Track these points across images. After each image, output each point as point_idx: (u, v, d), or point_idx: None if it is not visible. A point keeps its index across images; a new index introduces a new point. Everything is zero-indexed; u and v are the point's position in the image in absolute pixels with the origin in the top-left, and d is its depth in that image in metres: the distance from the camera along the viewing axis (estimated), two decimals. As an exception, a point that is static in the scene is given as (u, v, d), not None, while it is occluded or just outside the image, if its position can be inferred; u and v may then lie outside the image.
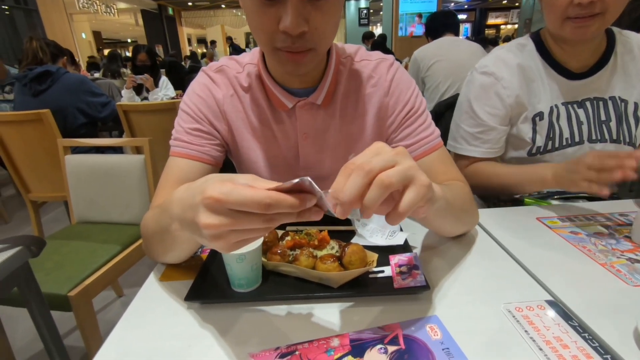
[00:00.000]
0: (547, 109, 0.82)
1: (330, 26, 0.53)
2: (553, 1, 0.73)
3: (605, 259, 0.57)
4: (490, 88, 0.83)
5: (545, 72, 0.83)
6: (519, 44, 0.86)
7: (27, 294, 0.75)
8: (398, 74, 0.68)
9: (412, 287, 0.50)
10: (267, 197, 0.31)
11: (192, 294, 0.51)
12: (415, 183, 0.36)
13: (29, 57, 1.88)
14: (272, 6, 0.49)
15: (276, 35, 0.51)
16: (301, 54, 0.53)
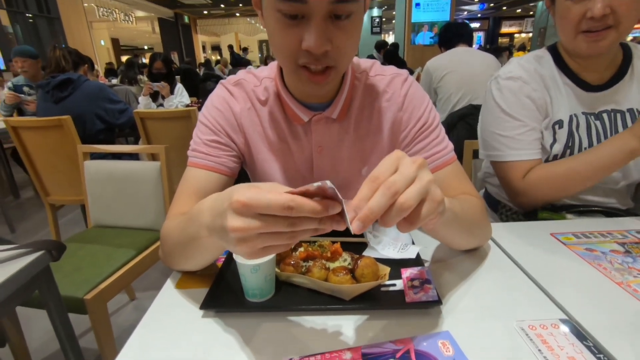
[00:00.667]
0: (567, 117, 0.81)
1: (351, 45, 0.54)
2: (565, 15, 0.74)
3: (621, 277, 0.56)
4: (520, 91, 0.82)
5: (562, 82, 0.82)
6: (536, 55, 0.86)
7: (47, 297, 0.78)
8: (412, 89, 0.68)
9: (424, 301, 0.50)
10: (290, 199, 0.33)
11: (207, 302, 0.52)
12: (429, 198, 0.38)
13: (52, 65, 1.95)
14: (295, 26, 0.50)
15: (299, 54, 0.52)
16: (322, 75, 0.54)
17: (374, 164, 0.70)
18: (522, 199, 0.84)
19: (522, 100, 0.82)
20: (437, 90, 2.08)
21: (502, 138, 0.83)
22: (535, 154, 0.82)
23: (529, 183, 0.80)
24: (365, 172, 0.72)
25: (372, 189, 0.36)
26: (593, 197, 0.85)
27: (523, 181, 0.81)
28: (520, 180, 0.81)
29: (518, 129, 0.82)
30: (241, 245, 0.36)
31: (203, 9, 14.13)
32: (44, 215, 2.81)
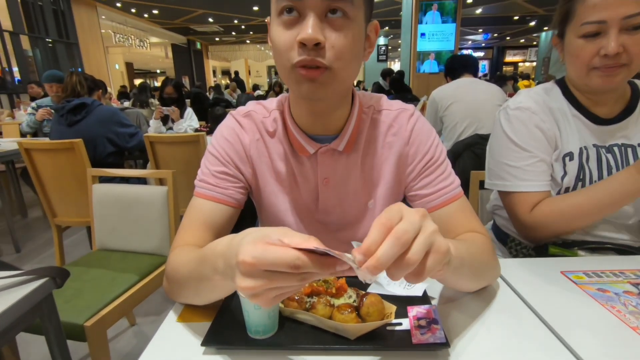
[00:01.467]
0: (577, 149, 0.81)
1: (346, 45, 0.53)
2: (578, 53, 0.75)
3: (636, 321, 0.54)
4: (529, 121, 0.82)
5: (571, 114, 0.83)
6: (544, 88, 0.87)
7: (47, 324, 0.77)
8: (418, 124, 0.69)
9: (432, 343, 0.49)
10: (296, 258, 0.34)
11: (209, 338, 0.51)
12: (434, 250, 0.38)
13: (69, 90, 2.02)
14: (293, 25, 0.53)
15: (294, 51, 0.53)
16: (316, 70, 0.53)
17: (380, 197, 0.71)
18: (529, 232, 0.83)
19: (531, 130, 0.82)
20: (442, 119, 2.11)
21: (511, 168, 0.82)
22: (544, 186, 0.81)
23: (536, 218, 0.80)
24: (372, 205, 0.71)
25: (382, 234, 0.36)
26: (605, 233, 0.83)
27: (530, 215, 0.80)
28: (528, 213, 0.81)
29: (526, 160, 0.81)
30: (254, 299, 0.37)
31: (215, 36, 14.66)
32: (49, 236, 2.83)
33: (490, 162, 0.89)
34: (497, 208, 0.99)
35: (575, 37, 0.75)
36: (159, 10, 9.75)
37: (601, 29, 0.71)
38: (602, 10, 0.70)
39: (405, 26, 7.18)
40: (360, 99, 0.69)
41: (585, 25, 0.72)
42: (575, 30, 0.75)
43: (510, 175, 0.83)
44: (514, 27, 13.61)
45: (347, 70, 0.56)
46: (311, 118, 0.65)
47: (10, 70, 6.71)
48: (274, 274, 0.35)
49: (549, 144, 0.82)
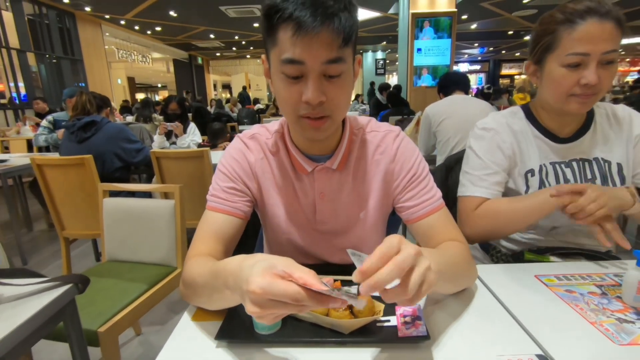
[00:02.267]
0: (537, 166, 0.91)
1: (343, 98, 0.64)
2: (560, 81, 0.82)
3: (595, 317, 0.62)
4: (492, 140, 0.93)
5: (533, 135, 0.93)
6: (511, 111, 0.98)
7: (70, 329, 0.84)
8: (403, 143, 0.79)
9: (414, 336, 0.56)
10: (297, 293, 0.41)
11: (221, 334, 0.58)
12: (426, 283, 0.45)
13: (79, 108, 2.12)
14: (296, 83, 0.61)
15: (300, 105, 0.63)
16: (320, 121, 0.64)
17: (371, 209, 0.80)
18: (465, 229, 0.92)
19: (492, 147, 0.93)
20: (436, 134, 2.20)
21: (470, 176, 0.94)
22: (493, 194, 0.91)
23: (476, 215, 0.90)
24: (363, 216, 0.80)
25: (381, 261, 0.42)
26: (571, 239, 0.92)
27: (473, 213, 0.91)
28: (471, 212, 0.91)
29: (484, 170, 0.92)
30: (259, 319, 0.45)
31: (216, 51, 14.94)
32: (55, 248, 2.89)
33: (460, 174, 1.00)
34: None
35: (558, 65, 0.81)
36: (161, 27, 10.00)
37: (583, 60, 0.78)
38: (587, 44, 0.77)
39: (402, 41, 7.37)
40: (350, 122, 0.78)
41: (571, 56, 0.79)
42: (558, 59, 0.81)
43: (468, 182, 0.94)
44: (509, 41, 13.90)
45: (343, 114, 0.68)
46: (308, 142, 0.75)
47: (17, 86, 6.86)
48: (277, 302, 0.42)
49: (506, 160, 0.93)
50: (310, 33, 0.55)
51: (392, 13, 8.44)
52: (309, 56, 0.58)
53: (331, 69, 0.60)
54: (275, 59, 0.61)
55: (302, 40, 0.56)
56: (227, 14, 8.44)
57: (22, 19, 6.94)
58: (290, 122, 0.68)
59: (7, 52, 6.53)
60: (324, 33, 0.56)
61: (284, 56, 0.59)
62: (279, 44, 0.59)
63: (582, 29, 0.77)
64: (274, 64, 0.63)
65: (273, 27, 0.59)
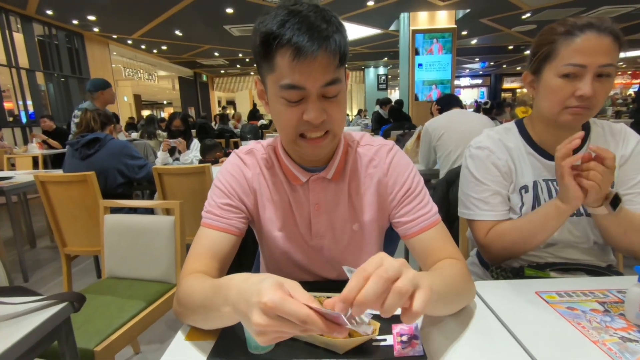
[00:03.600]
0: (531, 183, 0.91)
1: (341, 114, 0.66)
2: (557, 91, 0.82)
3: (598, 336, 0.60)
4: (487, 159, 0.93)
5: (526, 152, 0.93)
6: (505, 127, 0.98)
7: (65, 348, 0.83)
8: (396, 157, 0.79)
9: (411, 356, 0.55)
10: (307, 315, 0.39)
11: (213, 354, 0.57)
12: (422, 287, 0.44)
13: (83, 125, 2.15)
14: (296, 106, 0.63)
15: (300, 125, 0.64)
16: (321, 139, 0.66)
17: (367, 222, 0.79)
18: (485, 253, 0.95)
19: (488, 167, 0.93)
20: (436, 149, 2.21)
21: (474, 200, 0.94)
22: (500, 216, 0.92)
23: (488, 240, 0.91)
24: (356, 228, 0.79)
25: (361, 280, 0.41)
26: (571, 255, 0.90)
27: (485, 238, 0.91)
28: (484, 237, 0.92)
29: (485, 193, 0.92)
30: (260, 335, 0.43)
31: (220, 69, 15.22)
32: (57, 265, 2.89)
33: (460, 193, 1.00)
34: None
35: (555, 75, 0.81)
36: (167, 46, 10.23)
37: (579, 72, 0.78)
38: (584, 56, 0.77)
39: (403, 57, 7.48)
40: (344, 134, 0.80)
41: (568, 66, 0.79)
42: (556, 69, 0.81)
43: (473, 205, 0.94)
44: (510, 56, 14.03)
45: (342, 128, 0.69)
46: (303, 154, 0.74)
47: (25, 105, 7.00)
48: (284, 321, 0.41)
49: (503, 178, 0.93)
50: (310, 57, 0.57)
51: (392, 30, 8.59)
52: (308, 80, 0.59)
53: (330, 91, 0.62)
54: (273, 84, 0.62)
55: (302, 65, 0.57)
56: (231, 32, 8.64)
57: (32, 39, 7.13)
58: (288, 142, 0.69)
59: (16, 72, 6.69)
60: (322, 56, 0.58)
61: (283, 82, 0.60)
62: (277, 69, 0.60)
63: (581, 41, 0.78)
64: (271, 89, 0.64)
65: (270, 54, 0.59)
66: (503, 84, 19.40)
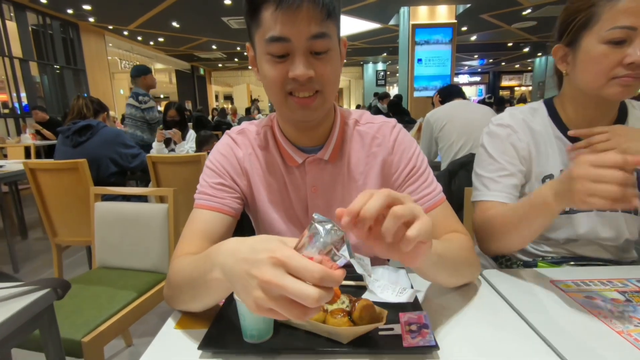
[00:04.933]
0: (557, 171, 0.82)
1: (332, 74, 0.62)
2: (601, 60, 0.71)
3: (622, 326, 0.55)
4: (507, 139, 0.84)
5: (554, 135, 0.83)
6: (531, 107, 0.88)
7: (47, 338, 0.78)
8: (400, 134, 0.75)
9: (421, 346, 0.50)
10: (322, 269, 0.36)
11: (205, 343, 0.52)
12: (420, 218, 0.42)
13: (75, 112, 2.09)
14: (282, 62, 0.60)
15: (287, 83, 0.60)
16: (310, 99, 0.62)
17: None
18: (477, 241, 0.84)
19: (506, 146, 0.84)
20: (437, 140, 2.16)
21: (484, 179, 0.85)
22: (507, 198, 0.82)
23: (477, 222, 0.82)
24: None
25: (366, 197, 0.41)
26: (594, 253, 0.84)
27: (477, 221, 0.83)
28: (480, 220, 0.82)
29: (498, 172, 0.83)
30: (258, 293, 0.38)
31: (218, 62, 15.08)
32: (49, 257, 2.82)
33: (473, 175, 0.91)
34: None
35: (598, 42, 0.71)
36: (164, 38, 10.09)
37: (628, 35, 0.68)
38: (634, 16, 0.67)
39: (403, 52, 7.42)
40: (342, 112, 0.75)
41: (614, 30, 0.68)
42: (598, 35, 0.71)
43: (482, 185, 0.85)
44: (509, 53, 14.01)
45: (333, 90, 0.64)
46: (298, 132, 0.71)
47: (19, 96, 6.88)
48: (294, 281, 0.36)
49: (519, 161, 0.84)
50: (293, 6, 0.55)
51: (392, 24, 8.51)
52: (293, 32, 0.57)
53: (317, 45, 0.58)
54: (260, 41, 0.60)
55: (285, 15, 0.56)
56: (229, 25, 8.53)
57: (26, 28, 7.00)
58: (278, 105, 0.65)
59: (10, 62, 6.57)
60: (307, 7, 0.56)
61: (268, 35, 0.58)
62: (263, 24, 0.58)
63: (627, 1, 0.67)
64: (259, 48, 0.62)
65: (256, 9, 0.58)
66: (501, 81, 19.38)
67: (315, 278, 0.36)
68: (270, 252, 0.38)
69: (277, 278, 0.37)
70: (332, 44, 0.60)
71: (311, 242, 0.39)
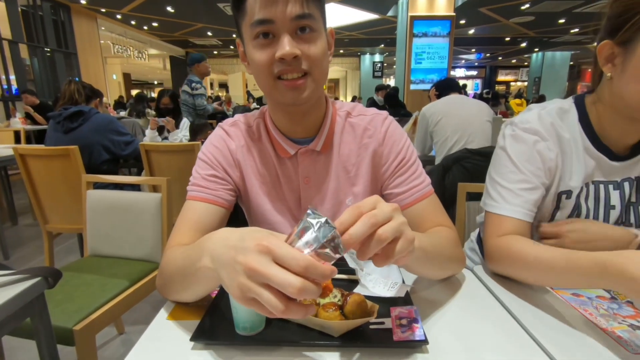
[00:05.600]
0: (578, 188, 0.74)
1: (319, 53, 0.62)
2: None
3: (606, 323, 0.57)
4: (533, 146, 0.74)
5: (583, 146, 0.73)
6: (561, 109, 0.76)
7: (39, 326, 0.78)
8: (392, 126, 0.76)
9: (411, 340, 0.51)
10: (308, 260, 0.37)
11: (197, 334, 0.53)
12: (403, 237, 0.43)
13: (66, 97, 2.05)
14: (269, 45, 0.60)
15: (275, 66, 0.61)
16: (298, 80, 0.62)
17: (358, 194, 0.75)
18: (488, 257, 0.74)
19: (533, 155, 0.74)
20: (432, 134, 2.16)
21: (502, 189, 0.75)
22: (527, 216, 0.73)
23: (497, 246, 0.71)
24: (350, 202, 0.76)
25: (353, 217, 0.41)
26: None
27: (497, 240, 0.72)
28: (496, 237, 0.72)
29: (521, 183, 0.73)
30: (242, 279, 0.39)
31: (213, 49, 14.85)
32: (40, 243, 2.80)
33: (487, 180, 0.81)
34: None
35: None
36: (158, 23, 9.89)
37: None
38: None
39: (400, 44, 7.36)
40: (334, 103, 0.76)
41: None
42: None
43: (499, 196, 0.75)
44: (506, 48, 13.99)
45: (322, 73, 0.64)
46: (290, 122, 0.71)
47: (8, 79, 6.72)
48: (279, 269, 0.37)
49: (544, 173, 0.74)
50: None
51: (390, 15, 8.43)
52: (276, 13, 0.58)
53: (302, 23, 0.59)
54: (247, 29, 0.61)
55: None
56: (225, 11, 8.37)
57: (15, 9, 6.80)
58: (268, 90, 0.65)
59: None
60: None
61: (253, 19, 0.59)
62: (248, 11, 0.60)
63: None
64: (246, 37, 0.62)
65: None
66: (498, 76, 19.40)
67: (300, 266, 0.36)
68: (258, 240, 0.39)
69: (262, 265, 0.37)
70: (317, 25, 0.61)
71: (303, 236, 0.39)
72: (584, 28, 9.87)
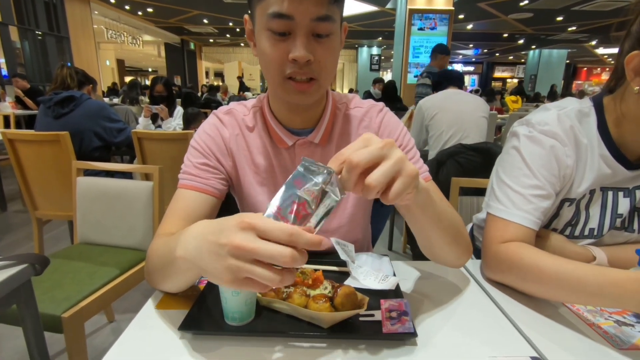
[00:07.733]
0: (582, 194, 0.71)
1: (331, 61, 0.61)
2: None
3: (593, 319, 0.58)
4: (552, 150, 0.69)
5: (599, 153, 0.70)
6: (580, 112, 0.71)
7: (25, 313, 0.77)
8: (387, 117, 0.76)
9: (400, 333, 0.51)
10: (292, 228, 0.36)
11: (185, 324, 0.52)
12: (402, 174, 0.42)
13: (58, 82, 2.00)
14: (284, 41, 0.57)
15: (286, 65, 0.59)
16: (307, 84, 0.60)
17: None
18: (486, 263, 0.71)
19: (549, 161, 0.69)
20: (428, 128, 2.16)
21: (512, 193, 0.70)
22: (535, 224, 0.68)
23: (502, 253, 0.66)
24: (346, 194, 0.75)
25: (337, 164, 0.41)
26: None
27: (500, 246, 0.67)
28: (498, 243, 0.67)
29: (535, 189, 0.69)
30: (230, 261, 0.38)
31: (209, 37, 14.64)
32: (29, 230, 2.76)
33: (494, 179, 0.76)
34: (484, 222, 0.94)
35: None
36: (153, 8, 9.70)
37: None
38: None
39: (398, 37, 7.31)
40: (334, 95, 0.75)
41: None
42: None
43: (508, 199, 0.70)
44: (503, 44, 13.98)
45: (330, 78, 0.63)
46: (290, 113, 0.70)
47: (-3, 61, 6.58)
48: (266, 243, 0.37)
49: (558, 180, 0.70)
50: None
51: (389, 8, 8.36)
52: (298, 11, 0.54)
53: (320, 27, 0.57)
54: (262, 14, 0.57)
55: None
56: (222, -2, 8.25)
57: (5, -10, 6.63)
58: (274, 86, 0.63)
59: (-12, 25, 6.24)
60: None
61: (271, 10, 0.55)
62: None
63: None
64: (259, 21, 0.59)
65: None
66: (494, 72, 19.42)
67: (285, 234, 0.36)
68: (238, 218, 0.39)
69: (248, 241, 0.37)
70: (335, 28, 0.59)
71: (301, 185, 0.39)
72: (582, 26, 9.88)
